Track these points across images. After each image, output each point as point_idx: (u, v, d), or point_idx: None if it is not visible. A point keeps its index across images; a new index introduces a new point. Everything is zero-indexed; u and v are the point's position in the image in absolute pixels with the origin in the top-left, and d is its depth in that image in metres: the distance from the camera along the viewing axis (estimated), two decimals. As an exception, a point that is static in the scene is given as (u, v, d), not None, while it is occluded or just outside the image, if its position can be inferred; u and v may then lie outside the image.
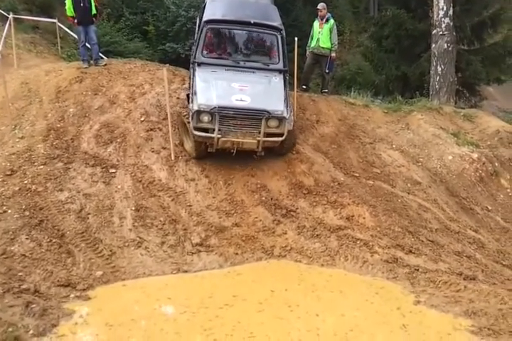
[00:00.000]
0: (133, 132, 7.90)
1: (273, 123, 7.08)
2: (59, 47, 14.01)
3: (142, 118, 8.15)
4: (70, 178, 7.01)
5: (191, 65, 7.85)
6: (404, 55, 13.58)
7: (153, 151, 7.63)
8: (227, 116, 6.97)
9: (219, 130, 6.94)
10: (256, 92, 7.23)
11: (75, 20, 9.52)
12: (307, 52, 9.97)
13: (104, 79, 9.01)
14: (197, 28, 8.85)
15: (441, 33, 11.29)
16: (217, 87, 7.22)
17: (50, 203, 6.55)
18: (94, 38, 9.75)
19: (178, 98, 8.66)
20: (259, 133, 7.00)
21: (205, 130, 7.06)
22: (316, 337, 4.84)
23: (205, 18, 7.79)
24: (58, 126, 7.96)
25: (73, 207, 6.57)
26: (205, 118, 6.98)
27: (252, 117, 7.01)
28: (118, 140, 7.74)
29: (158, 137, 7.88)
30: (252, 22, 7.71)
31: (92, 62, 9.67)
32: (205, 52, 7.71)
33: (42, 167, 7.10)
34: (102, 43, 13.75)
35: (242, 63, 7.70)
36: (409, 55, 13.44)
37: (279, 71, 7.74)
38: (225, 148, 7.17)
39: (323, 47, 9.66)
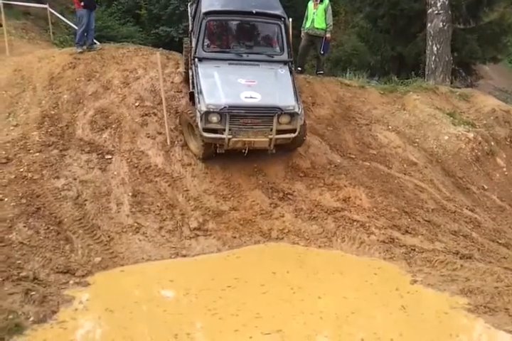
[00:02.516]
0: (128, 117, 7.85)
1: (284, 119, 6.75)
2: (51, 33, 13.87)
3: (137, 104, 8.09)
4: (65, 165, 6.99)
5: (191, 61, 7.47)
6: (399, 35, 13.50)
7: (148, 137, 7.59)
8: (238, 115, 6.61)
9: (229, 130, 6.63)
10: (265, 88, 6.87)
11: (82, 3, 9.37)
12: (302, 34, 9.88)
13: (98, 65, 8.92)
14: (190, 18, 8.49)
15: (436, 12, 11.20)
16: (224, 84, 6.82)
17: (46, 190, 6.54)
18: (94, 23, 9.74)
19: (172, 82, 8.59)
20: (271, 130, 6.69)
21: (214, 130, 6.71)
22: (320, 320, 4.88)
23: (204, 9, 7.31)
24: (52, 113, 7.90)
25: (70, 194, 6.56)
26: (214, 118, 6.60)
27: (264, 115, 6.69)
28: (113, 126, 7.69)
29: (154, 122, 7.83)
30: (254, 12, 7.29)
31: (84, 47, 9.56)
32: (206, 46, 7.30)
33: (37, 154, 7.07)
34: (95, 28, 13.60)
35: (245, 56, 7.32)
36: (405, 35, 13.35)
37: (284, 62, 7.42)
38: (236, 149, 6.88)
39: (317, 28, 9.54)
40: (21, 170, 6.77)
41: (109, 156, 7.21)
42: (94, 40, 10.12)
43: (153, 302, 5.13)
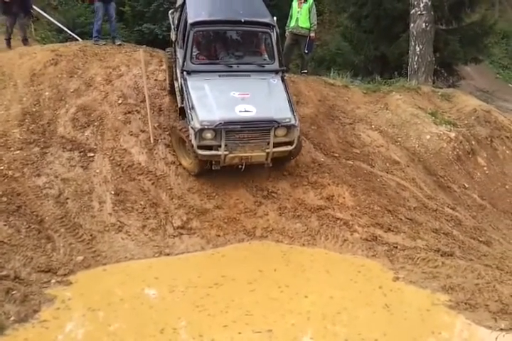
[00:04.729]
0: (110, 115, 7.77)
1: (281, 132, 6.55)
2: (33, 30, 13.63)
3: (119, 101, 8.01)
4: (47, 163, 6.91)
5: (178, 73, 7.21)
6: (383, 35, 13.58)
7: (131, 134, 7.52)
8: (234, 130, 6.38)
9: (225, 146, 6.42)
10: (259, 100, 6.66)
11: None
12: (286, 33, 9.89)
13: (80, 62, 8.80)
14: (173, 27, 8.24)
15: (419, 12, 11.31)
16: (216, 98, 6.57)
17: (27, 189, 6.46)
18: (114, 14, 9.83)
19: (155, 80, 8.53)
20: (268, 144, 6.52)
21: (209, 147, 6.48)
22: (307, 321, 4.89)
23: (190, 20, 6.91)
24: (34, 110, 7.79)
25: (51, 192, 6.49)
26: (208, 135, 6.35)
27: (260, 129, 6.48)
28: (95, 123, 7.61)
29: (137, 120, 7.76)
30: (242, 20, 6.92)
31: (103, 41, 9.53)
32: (194, 58, 6.98)
33: (18, 152, 6.97)
34: (77, 24, 13.47)
35: (235, 67, 7.02)
36: (388, 35, 13.43)
37: (276, 71, 7.14)
38: (233, 164, 6.66)
39: (302, 27, 9.59)
40: (1, 168, 6.67)
41: (92, 154, 7.14)
42: (76, 37, 10.05)
43: (139, 300, 5.11)
